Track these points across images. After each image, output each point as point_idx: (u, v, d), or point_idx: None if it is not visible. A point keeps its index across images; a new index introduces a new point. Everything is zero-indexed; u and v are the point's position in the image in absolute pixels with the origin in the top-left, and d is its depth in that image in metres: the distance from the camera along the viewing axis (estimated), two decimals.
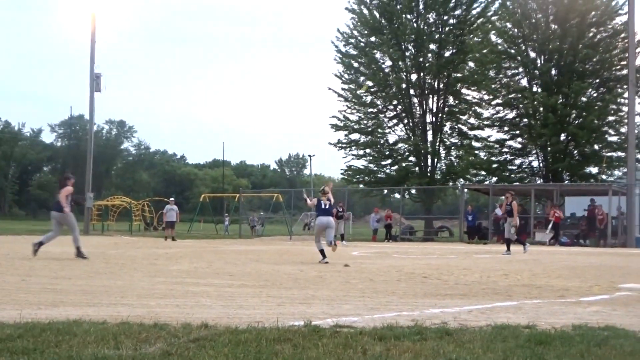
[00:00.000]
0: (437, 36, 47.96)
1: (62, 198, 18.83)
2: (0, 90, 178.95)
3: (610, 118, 44.48)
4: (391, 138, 49.31)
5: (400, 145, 48.83)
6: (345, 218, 37.26)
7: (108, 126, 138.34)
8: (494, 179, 46.08)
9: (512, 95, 46.13)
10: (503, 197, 46.72)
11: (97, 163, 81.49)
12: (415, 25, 47.89)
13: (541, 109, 43.90)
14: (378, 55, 48.76)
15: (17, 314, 7.57)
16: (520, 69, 46.65)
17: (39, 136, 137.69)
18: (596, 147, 44.87)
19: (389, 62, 48.58)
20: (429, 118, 48.55)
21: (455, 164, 48.10)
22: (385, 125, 49.04)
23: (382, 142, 49.00)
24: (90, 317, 7.41)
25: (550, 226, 35.89)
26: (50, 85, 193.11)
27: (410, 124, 48.48)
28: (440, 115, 48.38)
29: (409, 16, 48.16)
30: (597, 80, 44.63)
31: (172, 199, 40.68)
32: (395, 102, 48.90)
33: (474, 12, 47.85)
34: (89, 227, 46.82)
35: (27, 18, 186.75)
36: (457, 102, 48.95)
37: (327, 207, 19.78)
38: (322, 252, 19.17)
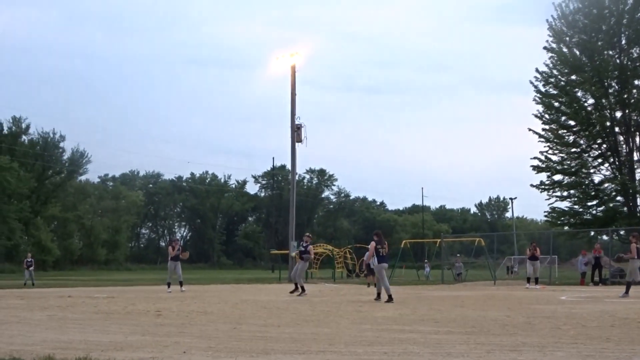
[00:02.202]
0: None
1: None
2: (207, 145, 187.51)
3: None
4: (596, 178, 47.76)
5: (606, 185, 47.14)
6: (538, 259, 35.91)
7: (309, 175, 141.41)
8: None
9: None
10: None
11: (300, 212, 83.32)
12: (618, 61, 46.38)
13: None
14: (579, 93, 47.48)
15: None
16: None
17: (243, 187, 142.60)
18: None
19: (591, 100, 47.22)
20: (636, 156, 46.62)
21: None
22: (589, 164, 47.54)
23: (586, 182, 47.49)
24: None
25: None
26: (253, 138, 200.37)
27: (617, 163, 46.75)
28: None
29: (611, 52, 46.72)
30: None
31: None
32: (599, 140, 47.34)
33: None
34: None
35: (230, 76, 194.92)
36: None
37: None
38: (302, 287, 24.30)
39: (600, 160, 47.73)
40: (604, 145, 47.28)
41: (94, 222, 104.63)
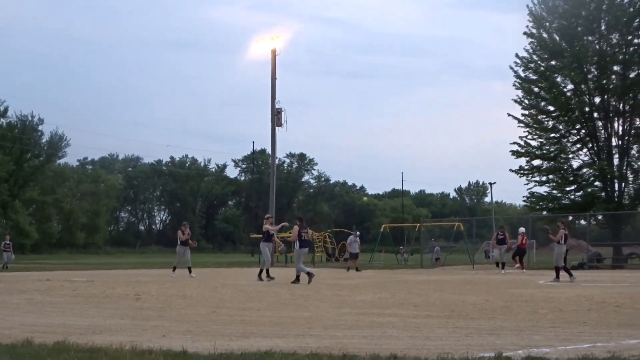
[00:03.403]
0: (621, 57, 46.26)
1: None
2: (187, 129, 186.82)
3: None
4: (575, 163, 47.95)
5: (584, 170, 47.32)
6: (508, 245, 35.77)
7: (289, 160, 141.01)
8: None
9: None
10: None
11: (280, 196, 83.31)
12: (597, 46, 46.48)
13: None
14: (559, 79, 47.58)
15: (211, 345, 7.78)
16: None
17: (223, 171, 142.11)
18: None
19: (570, 86, 47.30)
20: (614, 141, 46.82)
21: None
22: (568, 150, 47.72)
23: (565, 167, 47.66)
24: (281, 348, 7.52)
25: None
26: (233, 122, 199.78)
27: (595, 148, 46.93)
28: (626, 137, 46.51)
29: (590, 38, 46.82)
30: None
31: (357, 232, 41.87)
32: (578, 126, 47.50)
33: None
34: (273, 259, 47.76)
35: (210, 60, 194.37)
36: None
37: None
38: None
39: (578, 145, 47.93)
40: (583, 131, 47.46)
41: (72, 206, 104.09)
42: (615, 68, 46.72)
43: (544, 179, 47.81)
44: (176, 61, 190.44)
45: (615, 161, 46.46)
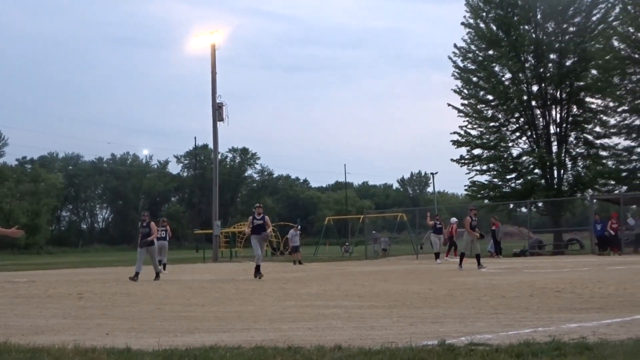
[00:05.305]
0: (557, 45, 46.94)
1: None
2: (127, 126, 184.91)
3: None
4: (515, 151, 48.56)
5: (524, 158, 47.98)
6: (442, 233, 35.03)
7: (231, 154, 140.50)
8: (624, 187, 44.62)
9: (639, 101, 44.53)
10: (634, 206, 45.52)
11: (223, 191, 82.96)
12: (534, 35, 47.10)
13: None
14: (497, 68, 48.13)
15: (155, 341, 7.72)
16: None
17: (165, 167, 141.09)
18: None
19: (508, 75, 47.89)
20: (552, 129, 47.54)
21: (583, 174, 46.87)
22: (508, 138, 48.27)
23: (505, 155, 48.22)
24: (225, 342, 7.51)
25: None
26: (174, 118, 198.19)
27: (534, 136, 47.58)
28: (564, 125, 47.27)
29: (527, 27, 47.41)
30: None
31: (298, 226, 42.01)
32: (517, 114, 48.08)
33: (594, 18, 46.52)
34: (217, 254, 47.62)
35: (149, 56, 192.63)
36: (581, 111, 47.67)
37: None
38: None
39: (518, 133, 48.56)
40: (522, 119, 48.07)
41: (12, 206, 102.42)
42: (552, 56, 47.44)
43: (484, 167, 48.32)
44: (115, 56, 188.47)
45: (554, 148, 47.18)
